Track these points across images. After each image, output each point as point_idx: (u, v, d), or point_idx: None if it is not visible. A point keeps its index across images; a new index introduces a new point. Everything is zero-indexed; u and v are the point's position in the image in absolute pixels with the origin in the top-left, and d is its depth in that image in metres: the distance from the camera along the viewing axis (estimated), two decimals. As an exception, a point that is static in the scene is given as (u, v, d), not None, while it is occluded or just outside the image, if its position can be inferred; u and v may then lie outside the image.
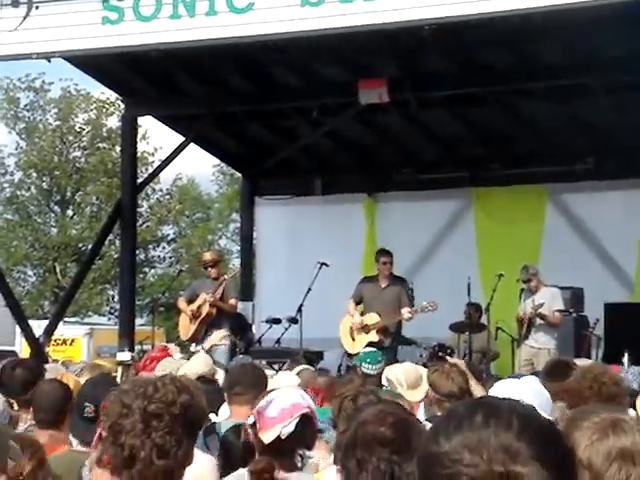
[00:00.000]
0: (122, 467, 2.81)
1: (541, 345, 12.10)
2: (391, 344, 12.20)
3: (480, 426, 1.62)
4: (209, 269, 12.51)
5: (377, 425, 2.94)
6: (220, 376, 8.29)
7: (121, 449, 2.80)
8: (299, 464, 3.94)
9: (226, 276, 12.48)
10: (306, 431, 3.95)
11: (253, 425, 3.90)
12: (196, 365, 8.08)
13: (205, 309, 12.27)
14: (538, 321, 12.19)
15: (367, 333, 12.12)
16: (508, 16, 9.39)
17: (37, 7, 10.53)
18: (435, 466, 1.62)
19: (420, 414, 6.37)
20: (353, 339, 12.24)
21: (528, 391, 3.98)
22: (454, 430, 1.63)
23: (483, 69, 13.29)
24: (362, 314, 12.34)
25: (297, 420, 3.88)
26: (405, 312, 12.03)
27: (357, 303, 12.52)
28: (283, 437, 3.84)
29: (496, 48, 12.67)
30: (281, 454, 3.85)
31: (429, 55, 12.91)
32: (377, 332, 12.08)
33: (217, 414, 5.99)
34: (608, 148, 14.65)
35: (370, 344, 11.62)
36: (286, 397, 3.97)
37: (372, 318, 12.18)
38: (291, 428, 3.85)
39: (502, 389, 4.06)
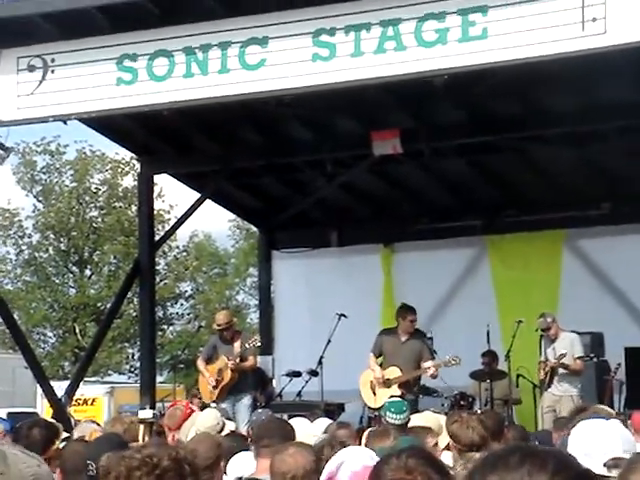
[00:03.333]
0: None
1: (563, 392, 12.02)
2: (412, 398, 12.05)
3: (515, 466, 1.61)
4: (223, 332, 12.55)
5: None
6: (230, 429, 8.32)
7: None
8: None
9: (246, 345, 12.47)
10: None
11: None
12: (205, 421, 8.12)
13: (227, 375, 12.36)
14: (561, 370, 12.10)
15: (389, 387, 11.97)
16: (519, 65, 9.47)
17: (53, 71, 10.68)
18: None
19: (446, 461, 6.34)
20: (374, 393, 12.11)
21: (614, 432, 3.93)
22: (489, 470, 1.63)
23: (496, 117, 13.37)
24: (382, 367, 12.20)
25: None
26: (429, 369, 11.85)
27: (377, 356, 12.40)
28: None
29: (508, 96, 12.74)
30: None
31: (441, 105, 13.00)
32: (399, 386, 11.95)
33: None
34: (623, 193, 14.67)
35: (392, 398, 11.54)
36: (356, 459, 3.86)
37: (393, 372, 12.03)
38: None
39: (588, 429, 4.01)
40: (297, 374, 14.02)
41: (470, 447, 5.88)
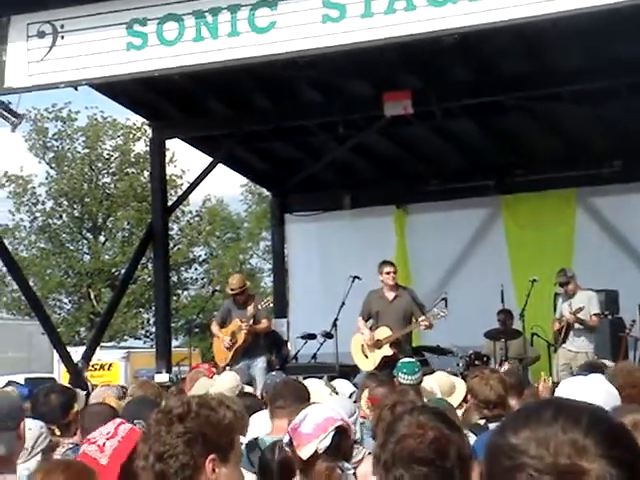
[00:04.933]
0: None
1: (579, 349, 12.07)
2: (406, 356, 11.87)
3: (548, 421, 1.60)
4: (237, 296, 12.59)
5: (416, 441, 2.94)
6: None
7: (146, 456, 2.89)
8: (340, 476, 3.96)
9: (259, 306, 12.52)
10: (342, 443, 3.95)
11: (290, 443, 3.92)
12: (224, 382, 8.19)
13: (241, 337, 12.41)
14: (576, 325, 12.14)
15: (379, 348, 11.76)
16: (529, 22, 9.41)
17: (62, 37, 10.67)
18: (500, 457, 1.60)
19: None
20: (366, 356, 11.92)
21: (596, 388, 3.96)
22: (522, 425, 1.62)
23: (506, 76, 13.32)
24: (371, 329, 11.99)
25: (332, 433, 3.89)
26: (422, 321, 11.63)
27: (367, 319, 12.16)
28: (320, 452, 3.85)
29: (518, 55, 12.69)
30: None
31: (451, 65, 12.95)
32: (390, 346, 11.72)
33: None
34: (635, 150, 14.60)
35: (385, 358, 11.45)
36: (319, 412, 3.99)
37: (383, 332, 11.79)
38: (327, 442, 3.86)
39: (570, 387, 4.03)
40: (312, 336, 14.07)
41: (486, 404, 5.89)
